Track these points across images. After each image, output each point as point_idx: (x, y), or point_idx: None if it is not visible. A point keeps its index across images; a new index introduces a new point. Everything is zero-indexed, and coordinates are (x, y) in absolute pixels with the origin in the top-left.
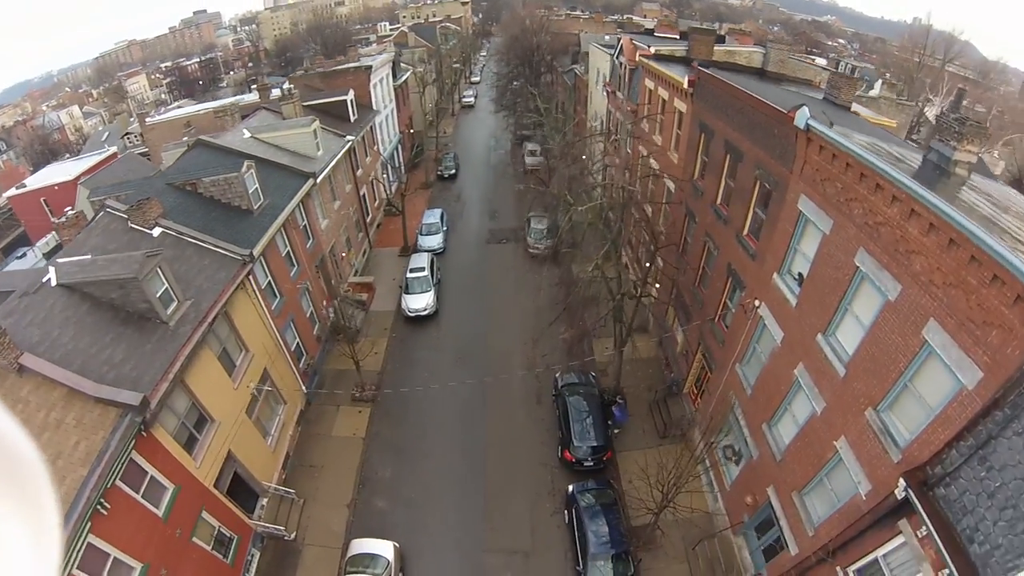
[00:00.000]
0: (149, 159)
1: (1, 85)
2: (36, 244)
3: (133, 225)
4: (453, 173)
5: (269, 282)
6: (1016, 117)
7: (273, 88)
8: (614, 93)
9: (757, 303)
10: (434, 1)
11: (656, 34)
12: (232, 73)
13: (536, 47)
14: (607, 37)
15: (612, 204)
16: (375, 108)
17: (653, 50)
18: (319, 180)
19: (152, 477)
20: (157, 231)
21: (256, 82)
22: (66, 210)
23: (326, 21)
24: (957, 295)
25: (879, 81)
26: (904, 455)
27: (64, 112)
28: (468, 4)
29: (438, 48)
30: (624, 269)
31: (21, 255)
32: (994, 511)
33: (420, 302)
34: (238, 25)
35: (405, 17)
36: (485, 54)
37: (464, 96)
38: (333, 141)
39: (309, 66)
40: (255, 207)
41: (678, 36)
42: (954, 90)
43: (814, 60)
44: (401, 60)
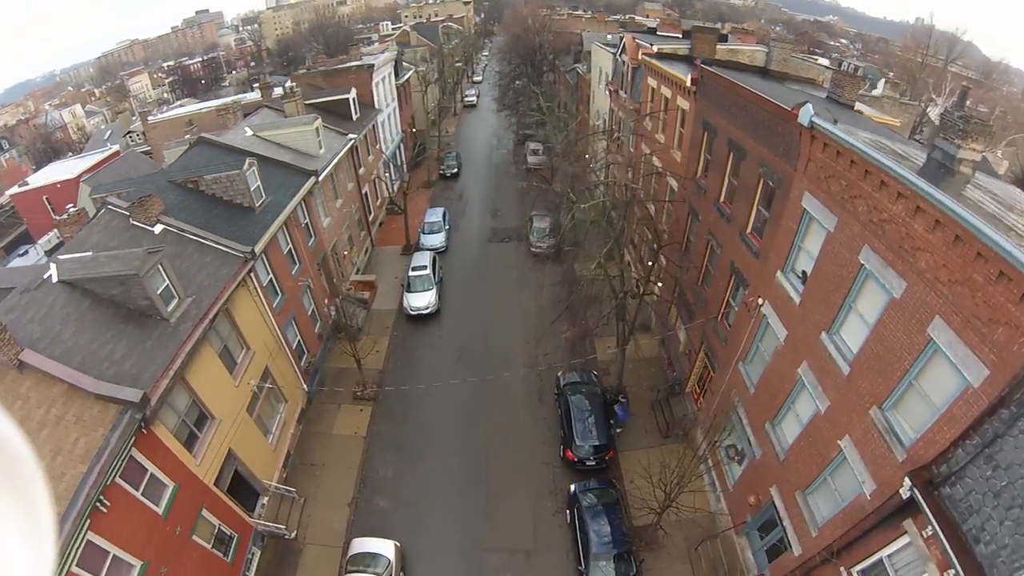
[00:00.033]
0: (151, 157)
1: (3, 84)
2: (38, 242)
3: (134, 222)
4: (455, 172)
5: (271, 279)
6: (1019, 117)
7: (275, 87)
8: (617, 92)
9: (760, 301)
10: (436, 1)
11: (659, 33)
12: (234, 72)
13: (538, 46)
14: (609, 36)
15: (615, 202)
16: (377, 107)
17: (656, 48)
18: (321, 178)
19: (152, 475)
20: (158, 228)
21: (258, 81)
22: (68, 207)
23: (328, 20)
24: (963, 292)
25: (882, 80)
26: (909, 454)
27: (66, 111)
28: (470, 4)
29: (440, 47)
30: (627, 268)
31: (23, 252)
32: (1000, 510)
33: (422, 300)
34: (240, 25)
35: (407, 16)
36: (487, 53)
37: (466, 95)
38: (335, 139)
39: (311, 65)
40: (257, 204)
41: (680, 35)
42: (957, 90)
43: (816, 60)
44: (403, 59)
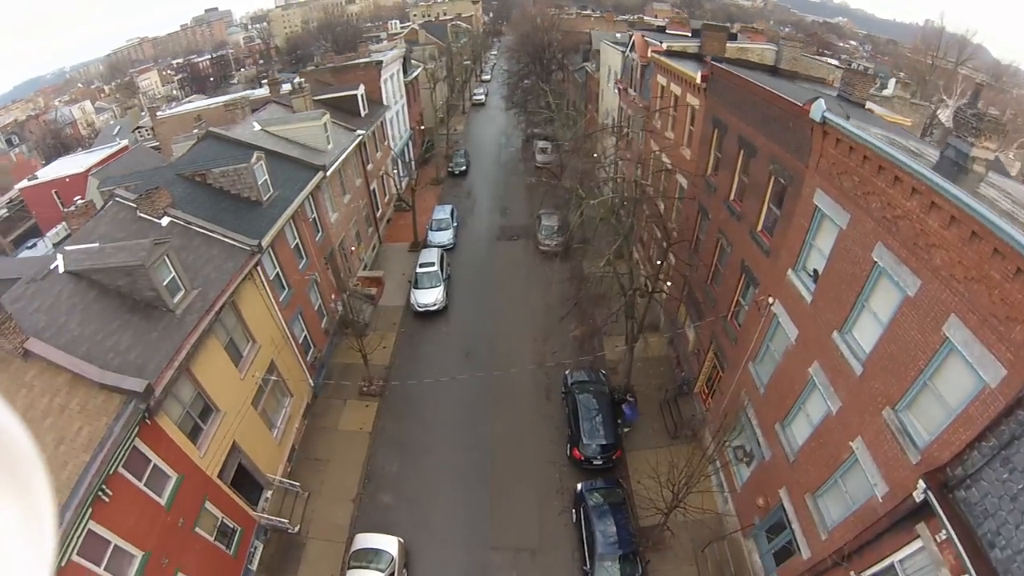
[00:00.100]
0: (160, 152)
1: (14, 81)
2: (46, 235)
3: (142, 214)
4: (464, 170)
5: (277, 273)
6: None
7: (284, 83)
8: (626, 90)
9: (771, 300)
10: None
11: (668, 31)
12: (243, 70)
13: (547, 44)
14: (618, 35)
15: (624, 199)
16: (386, 104)
17: (665, 46)
18: (329, 173)
19: (155, 465)
20: (165, 220)
21: (267, 79)
22: (75, 199)
23: (337, 19)
24: (979, 290)
25: (892, 80)
26: (923, 456)
27: (76, 107)
28: (479, 3)
29: (449, 46)
30: (636, 266)
31: (31, 245)
32: (1016, 514)
33: (429, 297)
34: (249, 23)
35: (415, 15)
36: (496, 52)
37: (475, 94)
38: (343, 135)
39: (320, 62)
40: (264, 198)
41: (690, 33)
42: (967, 92)
43: (826, 60)
44: (412, 57)
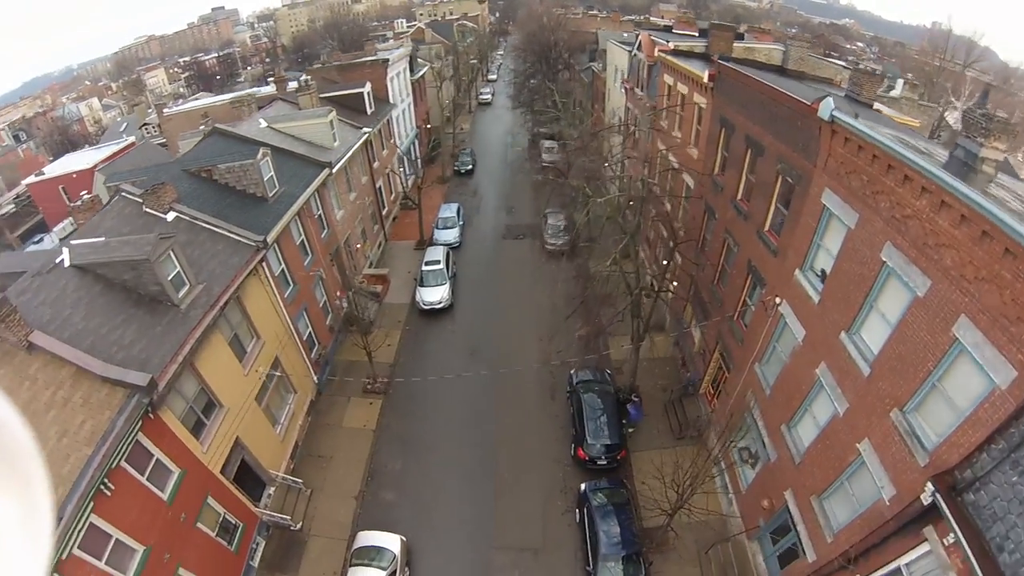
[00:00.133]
0: (166, 148)
1: (23, 78)
2: (53, 230)
3: (147, 209)
4: (470, 169)
5: (283, 270)
6: None
7: (290, 81)
8: (632, 89)
9: (778, 300)
10: None
11: (675, 31)
12: (249, 68)
13: (553, 44)
14: (625, 35)
15: (631, 198)
16: (392, 102)
17: (672, 45)
18: (335, 170)
19: (158, 460)
20: (171, 215)
21: (273, 77)
22: (82, 194)
23: (343, 18)
24: (990, 290)
25: (901, 81)
26: (932, 458)
27: (83, 104)
28: (485, 2)
29: (455, 45)
30: (642, 266)
31: (38, 240)
32: None
33: (435, 295)
34: (256, 22)
35: (422, 15)
36: (502, 52)
37: (481, 93)
38: (350, 132)
39: (326, 60)
40: (270, 195)
41: (697, 33)
42: (975, 94)
43: (833, 61)
44: (418, 56)
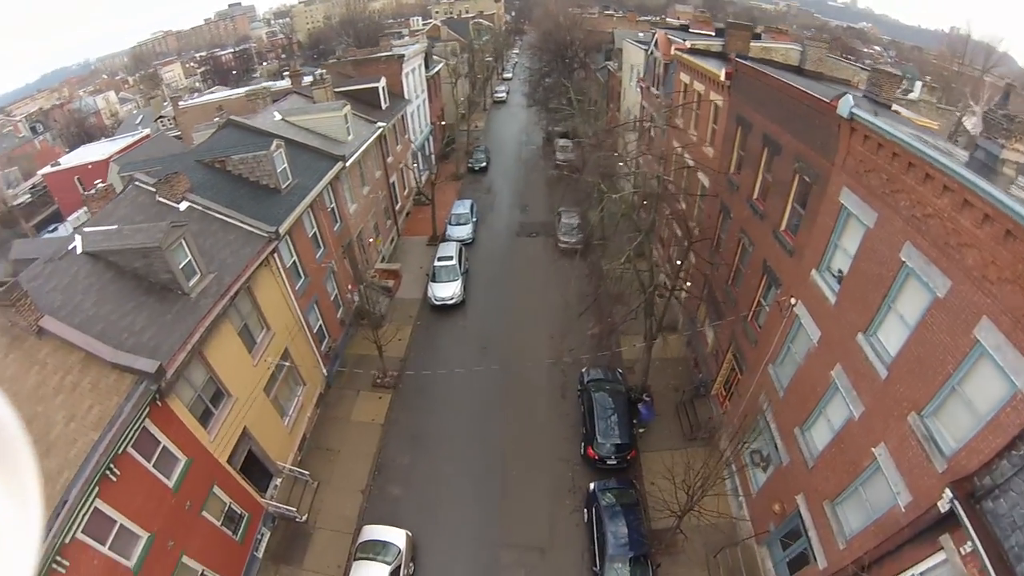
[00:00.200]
0: (181, 141)
1: (41, 71)
2: (67, 219)
3: (160, 198)
4: (484, 166)
5: (294, 261)
6: None
7: (305, 75)
8: (648, 88)
9: (793, 301)
10: None
11: (692, 30)
12: (265, 64)
13: (569, 43)
14: (641, 34)
15: (646, 195)
16: (407, 97)
17: (689, 44)
18: (348, 164)
19: (164, 447)
20: (184, 205)
21: (288, 72)
22: (95, 182)
23: (359, 15)
24: (1014, 291)
25: (919, 83)
26: (950, 464)
27: (100, 97)
28: (501, 1)
29: (471, 42)
30: (655, 264)
31: (52, 229)
32: None
33: (447, 291)
34: (272, 18)
35: (437, 12)
36: (517, 51)
37: (496, 91)
38: (364, 127)
39: (341, 56)
40: (283, 186)
41: (713, 32)
42: (993, 99)
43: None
44: (434, 53)
